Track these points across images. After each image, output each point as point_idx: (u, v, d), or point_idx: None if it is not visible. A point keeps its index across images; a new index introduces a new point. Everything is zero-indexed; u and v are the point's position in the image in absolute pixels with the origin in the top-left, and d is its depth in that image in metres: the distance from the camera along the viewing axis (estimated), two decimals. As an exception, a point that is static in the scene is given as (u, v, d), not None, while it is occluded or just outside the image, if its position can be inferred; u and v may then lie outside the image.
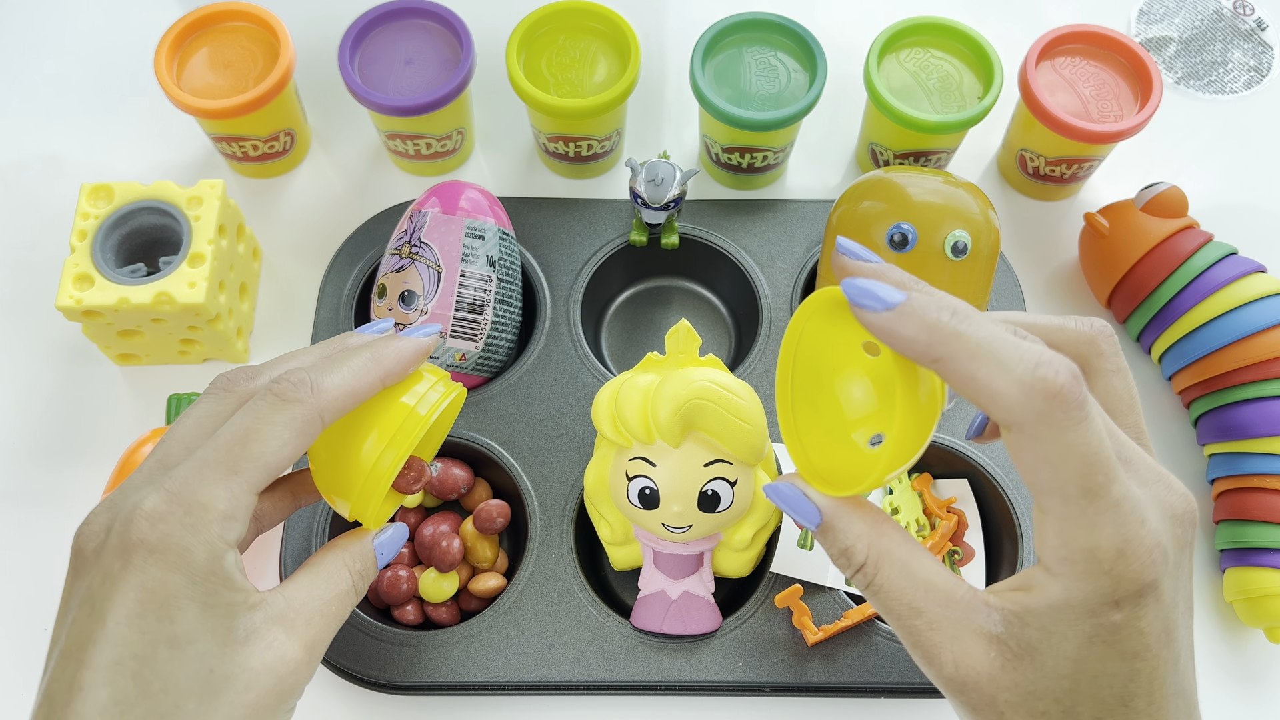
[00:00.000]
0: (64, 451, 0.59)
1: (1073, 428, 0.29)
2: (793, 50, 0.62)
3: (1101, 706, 0.30)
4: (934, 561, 0.33)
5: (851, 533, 0.33)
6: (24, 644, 0.54)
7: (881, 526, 0.33)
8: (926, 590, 0.32)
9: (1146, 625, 0.30)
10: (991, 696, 0.31)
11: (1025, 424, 0.29)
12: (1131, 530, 0.29)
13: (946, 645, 0.31)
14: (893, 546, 0.33)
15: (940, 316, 0.30)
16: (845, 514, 0.33)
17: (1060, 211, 0.68)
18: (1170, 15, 0.75)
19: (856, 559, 0.33)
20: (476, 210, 0.56)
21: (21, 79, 0.71)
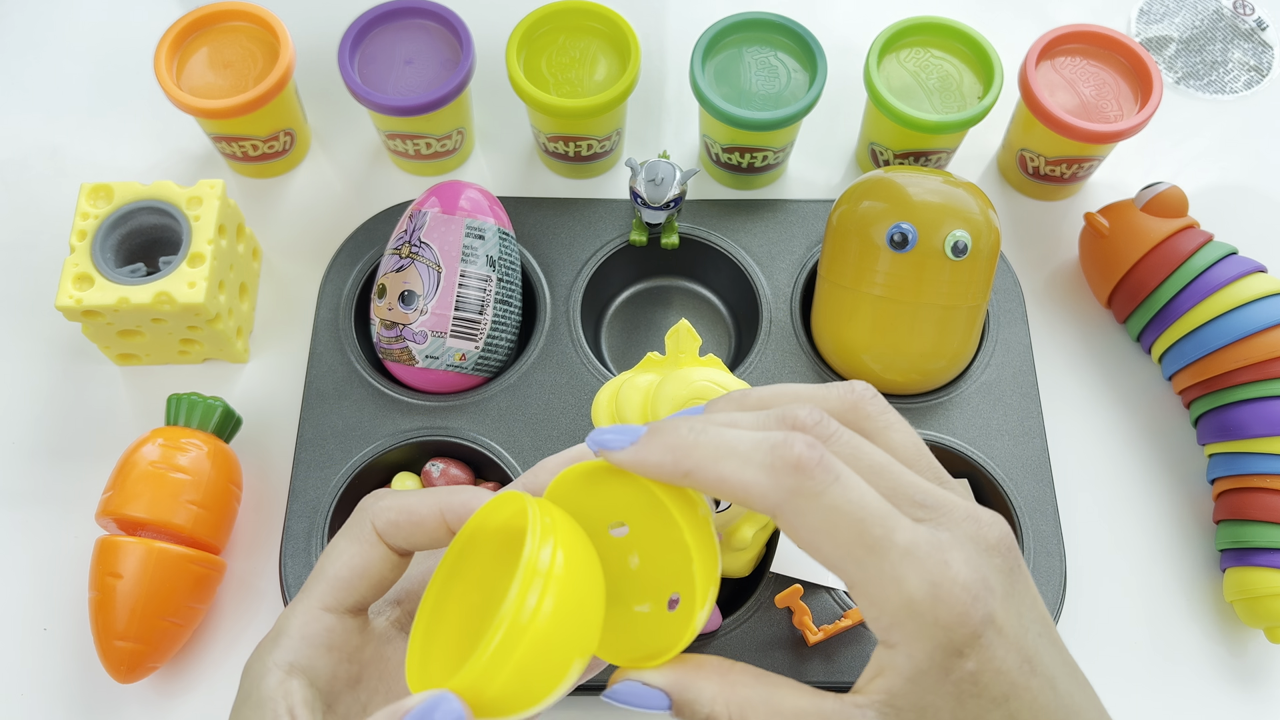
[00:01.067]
0: (64, 451, 0.59)
1: (826, 490, 0.29)
2: (793, 50, 0.62)
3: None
4: (792, 688, 0.32)
5: (706, 698, 0.32)
6: (24, 644, 0.54)
7: (730, 676, 0.32)
8: (797, 719, 0.31)
9: (1001, 663, 0.29)
10: None
11: (784, 503, 0.29)
12: (936, 573, 0.29)
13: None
14: (749, 693, 0.32)
15: (679, 432, 0.31)
16: (691, 682, 0.32)
17: (1060, 211, 0.68)
18: (1170, 15, 0.75)
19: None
20: (476, 210, 0.56)
21: (22, 78, 0.71)
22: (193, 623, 0.52)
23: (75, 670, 0.53)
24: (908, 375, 0.57)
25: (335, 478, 0.55)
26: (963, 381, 0.58)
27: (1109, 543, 0.58)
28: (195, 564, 0.52)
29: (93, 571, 0.51)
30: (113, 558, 0.51)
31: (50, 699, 0.53)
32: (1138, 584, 0.57)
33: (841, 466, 0.30)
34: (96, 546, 0.52)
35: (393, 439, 0.56)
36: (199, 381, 0.60)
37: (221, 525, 0.54)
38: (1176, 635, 0.56)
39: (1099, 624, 0.56)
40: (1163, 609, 0.57)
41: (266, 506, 0.57)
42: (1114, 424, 0.61)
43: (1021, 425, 0.57)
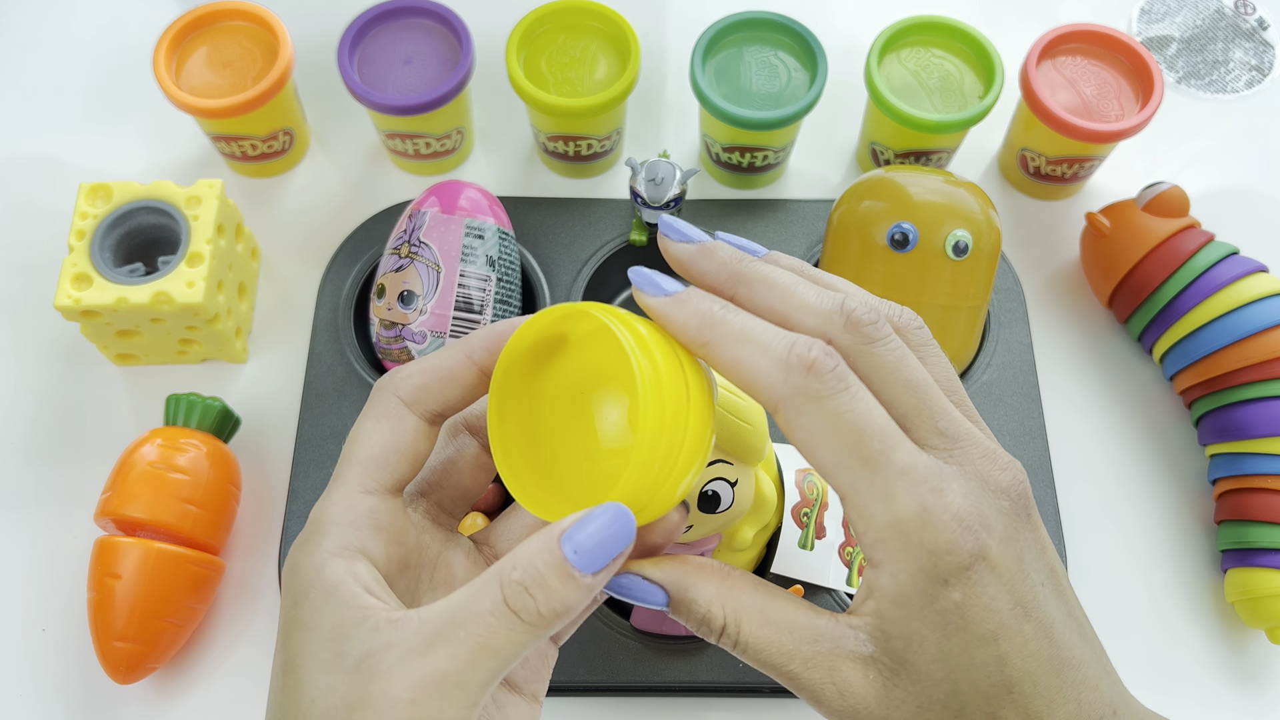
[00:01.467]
0: (63, 451, 0.59)
1: (832, 396, 0.29)
2: (793, 49, 0.62)
3: (989, 700, 0.30)
4: (789, 600, 0.32)
5: (704, 598, 0.32)
6: (23, 644, 0.54)
7: (729, 581, 0.32)
8: (791, 632, 0.31)
9: (990, 600, 0.29)
10: (885, 719, 0.30)
11: (788, 399, 0.30)
12: (929, 498, 0.29)
13: (826, 681, 0.31)
14: (746, 599, 0.32)
15: (711, 305, 0.32)
16: (692, 581, 0.32)
17: (1061, 211, 0.67)
18: (1171, 14, 0.75)
19: (716, 623, 0.32)
20: (476, 210, 0.56)
21: (20, 78, 0.71)
22: (192, 623, 0.52)
23: (74, 671, 0.53)
24: (908, 375, 0.56)
25: (334, 478, 0.54)
26: (963, 381, 0.58)
27: (1110, 543, 0.58)
28: (194, 564, 0.51)
29: (91, 572, 0.51)
30: (111, 558, 0.50)
31: (50, 699, 0.53)
32: (1139, 584, 0.57)
33: (854, 380, 0.30)
34: (95, 547, 0.51)
35: (392, 439, 0.56)
36: (198, 381, 0.60)
37: (220, 525, 0.54)
38: (1177, 636, 0.56)
39: (1099, 624, 0.56)
40: (1164, 609, 0.57)
41: (266, 506, 0.57)
42: (1115, 424, 0.61)
43: (1022, 425, 0.57)
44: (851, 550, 0.52)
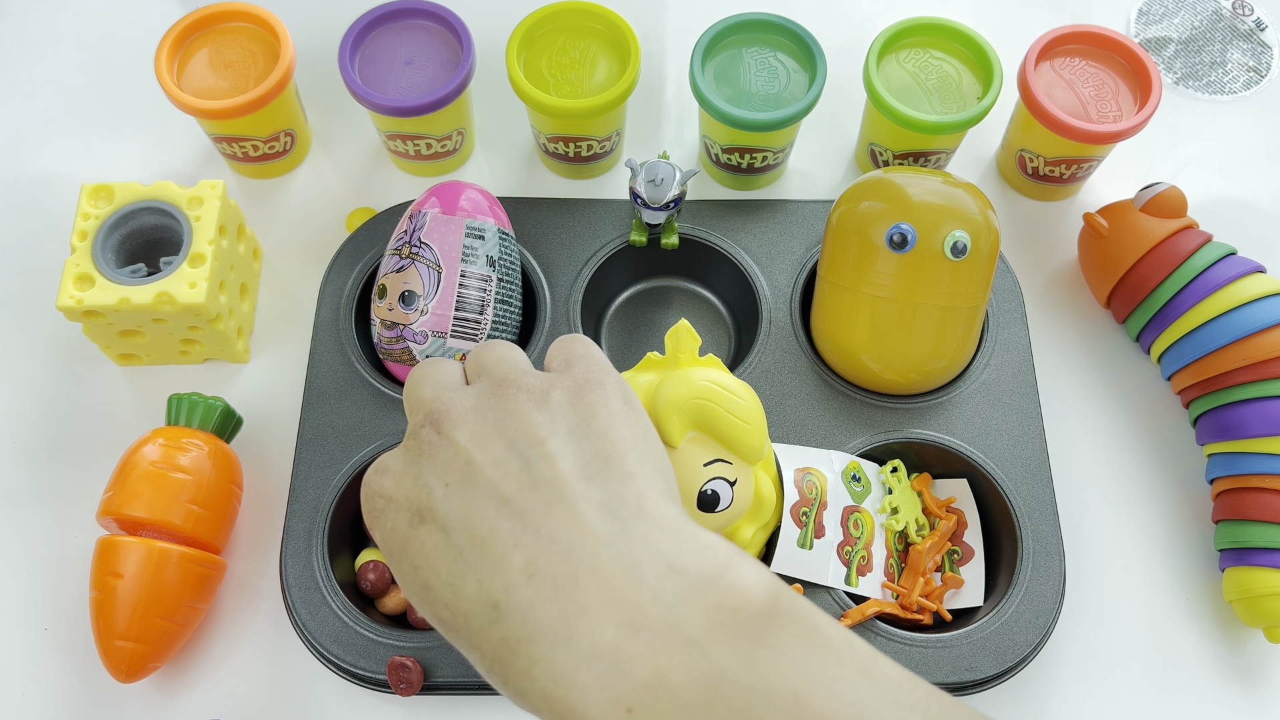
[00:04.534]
0: (65, 451, 0.59)
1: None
2: (792, 50, 0.62)
3: (432, 606, 0.33)
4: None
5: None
6: (24, 644, 0.54)
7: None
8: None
9: (393, 524, 0.34)
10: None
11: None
12: (367, 486, 0.36)
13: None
14: None
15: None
16: None
17: (1059, 212, 0.68)
18: (1169, 15, 0.75)
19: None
20: (476, 210, 0.56)
21: (22, 79, 0.71)
22: (193, 623, 0.53)
23: (75, 670, 0.54)
24: (907, 375, 0.57)
25: (335, 478, 0.55)
26: (962, 382, 0.58)
27: (1108, 542, 0.58)
28: (196, 564, 0.52)
29: (93, 571, 0.51)
30: (113, 557, 0.51)
31: (50, 699, 0.53)
32: (1137, 584, 0.57)
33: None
34: (97, 546, 0.52)
35: (393, 439, 0.56)
36: (200, 381, 0.60)
37: (222, 525, 0.54)
38: (1175, 635, 0.56)
39: (1098, 624, 0.56)
40: (1162, 609, 0.57)
41: (267, 506, 0.57)
42: (1113, 424, 0.61)
43: (1021, 425, 0.57)
44: (850, 549, 0.53)
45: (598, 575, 0.29)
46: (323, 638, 0.51)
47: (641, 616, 0.28)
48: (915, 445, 0.57)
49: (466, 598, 0.31)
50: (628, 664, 0.28)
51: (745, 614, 0.28)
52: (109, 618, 0.50)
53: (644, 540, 0.30)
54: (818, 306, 0.59)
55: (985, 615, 0.52)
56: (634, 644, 0.28)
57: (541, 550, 0.30)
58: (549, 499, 0.31)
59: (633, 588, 0.29)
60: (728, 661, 0.28)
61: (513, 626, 0.29)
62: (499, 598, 0.30)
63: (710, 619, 0.28)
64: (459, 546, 0.31)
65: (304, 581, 0.52)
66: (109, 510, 0.52)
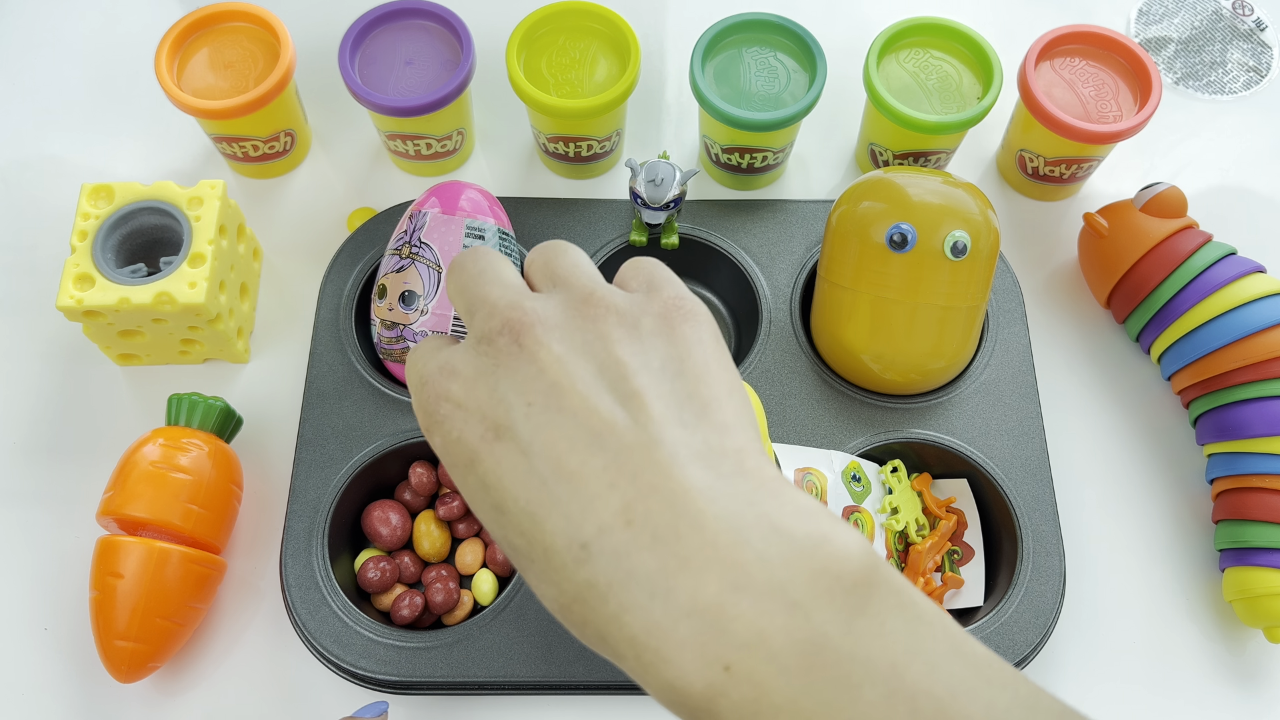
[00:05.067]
0: (64, 451, 0.59)
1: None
2: (792, 50, 0.62)
3: (494, 524, 0.31)
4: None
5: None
6: (24, 644, 0.54)
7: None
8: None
9: (459, 433, 0.32)
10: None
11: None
12: (413, 372, 0.34)
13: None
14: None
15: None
16: None
17: (1059, 212, 0.68)
18: (1169, 16, 0.75)
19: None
20: (476, 210, 0.56)
21: (22, 79, 0.71)
22: (193, 623, 0.53)
23: (75, 670, 0.54)
24: (907, 375, 0.57)
25: (335, 478, 0.55)
26: (962, 381, 0.58)
27: (1108, 542, 0.58)
28: (196, 564, 0.52)
29: (93, 571, 0.51)
30: (113, 557, 0.51)
31: (50, 699, 0.53)
32: (1137, 584, 0.57)
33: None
34: (97, 546, 0.52)
35: (393, 439, 0.56)
36: (200, 381, 0.60)
37: (222, 525, 0.54)
38: (1175, 635, 0.56)
39: (1098, 623, 0.56)
40: (1162, 609, 0.57)
41: (267, 506, 0.57)
42: (1113, 424, 0.61)
43: (1021, 425, 0.57)
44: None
45: (702, 531, 0.28)
46: (323, 638, 0.51)
47: (746, 576, 0.28)
48: (915, 445, 0.57)
49: (550, 532, 0.29)
50: (730, 622, 0.27)
51: (848, 581, 0.28)
52: (109, 618, 0.50)
53: (747, 499, 0.29)
54: (818, 306, 0.59)
55: (985, 615, 0.52)
56: (737, 602, 0.27)
57: (640, 497, 0.29)
58: (646, 443, 0.30)
59: (737, 546, 0.28)
60: (830, 627, 0.27)
61: (603, 570, 0.28)
62: (589, 539, 0.29)
63: (814, 584, 0.28)
64: (542, 475, 0.30)
65: (304, 581, 0.52)
66: (109, 510, 0.52)
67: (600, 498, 0.29)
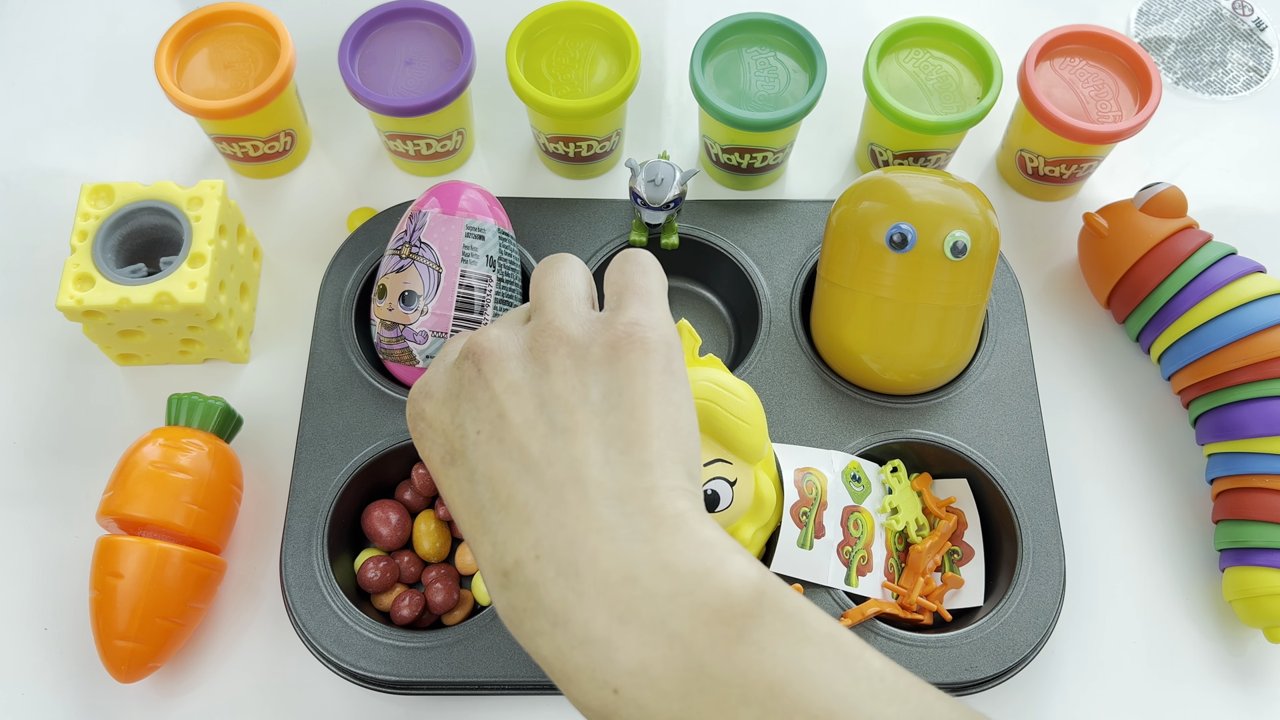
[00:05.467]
0: (64, 451, 0.59)
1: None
2: (792, 51, 0.62)
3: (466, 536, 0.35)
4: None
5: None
6: (24, 644, 0.54)
7: None
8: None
9: (429, 452, 0.36)
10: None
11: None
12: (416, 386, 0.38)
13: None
14: None
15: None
16: None
17: (1059, 212, 0.68)
18: (1169, 15, 0.75)
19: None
20: (476, 210, 0.56)
21: (22, 79, 0.71)
22: (193, 623, 0.53)
23: (75, 670, 0.54)
24: (907, 375, 0.57)
25: (335, 478, 0.55)
26: (962, 381, 0.58)
27: (1108, 542, 0.58)
28: (196, 564, 0.52)
29: (93, 571, 0.51)
30: (113, 557, 0.51)
31: (50, 699, 0.53)
32: (1137, 584, 0.57)
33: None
34: (97, 546, 0.52)
35: (393, 439, 0.56)
36: (199, 381, 0.60)
37: (222, 525, 0.54)
38: (1175, 635, 0.56)
39: (1098, 623, 0.56)
40: (1162, 608, 0.57)
41: (267, 506, 0.57)
42: (1113, 424, 0.61)
43: (1021, 425, 0.57)
44: (850, 549, 0.53)
45: (596, 568, 0.31)
46: (323, 638, 0.51)
47: (632, 611, 0.30)
48: (915, 445, 0.57)
49: (482, 555, 0.33)
50: (616, 652, 0.30)
51: (728, 614, 0.30)
52: (109, 618, 0.50)
53: (645, 537, 0.31)
54: (818, 306, 0.59)
55: (985, 615, 0.53)
56: (623, 634, 0.30)
57: (549, 533, 0.32)
58: (565, 480, 0.32)
59: (626, 584, 0.31)
60: (707, 657, 0.30)
61: (519, 598, 0.32)
62: (509, 568, 0.32)
63: (694, 617, 0.30)
64: (480, 501, 0.33)
65: (304, 581, 0.52)
66: (109, 510, 0.52)
67: (518, 532, 0.32)
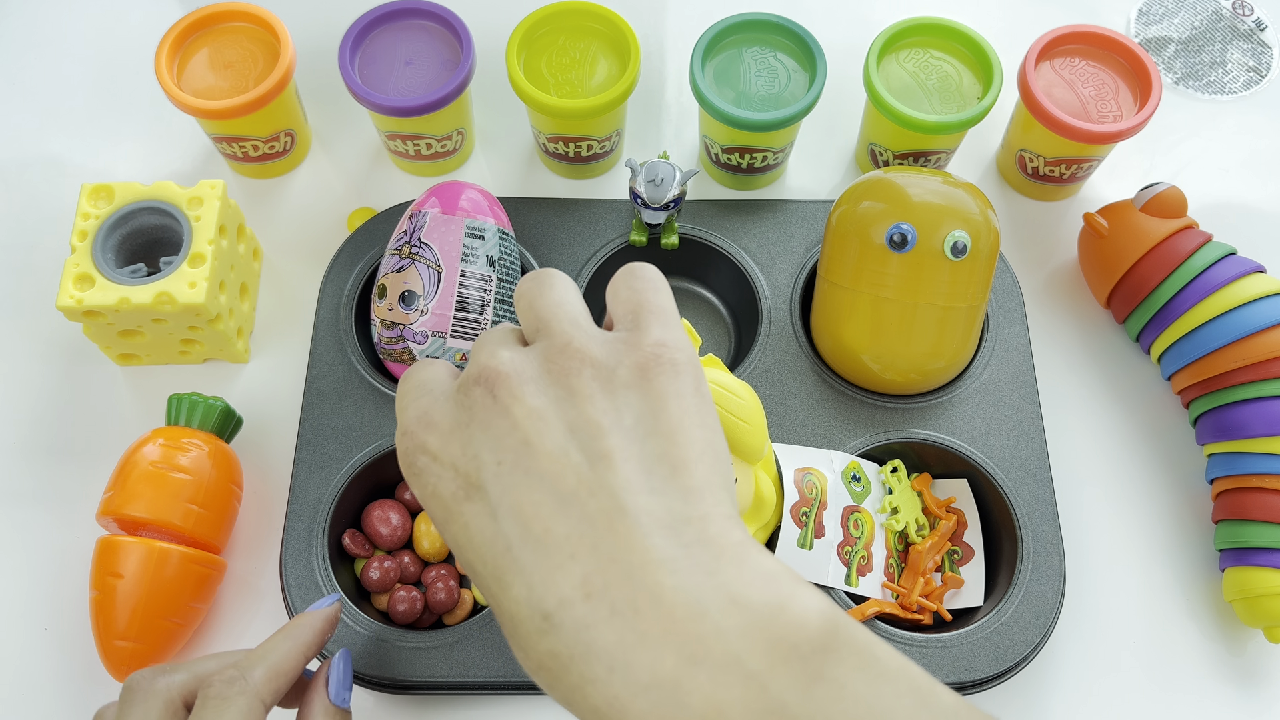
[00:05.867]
0: (64, 451, 0.59)
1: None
2: (792, 51, 0.62)
3: (477, 580, 0.31)
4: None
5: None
6: (24, 644, 0.54)
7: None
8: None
9: (435, 488, 0.32)
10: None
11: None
12: (401, 421, 0.34)
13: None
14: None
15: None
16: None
17: (1059, 212, 0.68)
18: (1169, 15, 0.75)
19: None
20: (476, 210, 0.56)
21: (22, 79, 0.71)
22: (193, 623, 0.53)
23: (75, 670, 0.54)
24: (907, 375, 0.57)
25: (336, 478, 0.55)
26: (962, 381, 0.58)
27: (1108, 542, 0.58)
28: (196, 564, 0.52)
29: (93, 571, 0.51)
30: (113, 557, 0.51)
31: (50, 699, 0.53)
32: (1137, 584, 0.57)
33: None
34: (97, 546, 0.52)
35: (393, 439, 0.56)
36: (200, 381, 0.60)
37: (222, 525, 0.54)
38: (1175, 635, 0.56)
39: (1098, 623, 0.56)
40: (1162, 609, 0.57)
41: (267, 506, 0.57)
42: (1113, 424, 0.61)
43: (1021, 425, 0.57)
44: (850, 549, 0.53)
45: (659, 604, 0.28)
46: (323, 638, 0.51)
47: (703, 649, 0.27)
48: (915, 445, 0.57)
49: (515, 599, 0.29)
50: (687, 696, 0.27)
51: (805, 649, 0.28)
52: (109, 617, 0.50)
53: (707, 570, 0.29)
54: (818, 306, 0.59)
55: (985, 615, 0.53)
56: (694, 676, 0.27)
57: (600, 569, 0.29)
58: (610, 510, 0.29)
59: (694, 620, 0.28)
60: (788, 696, 0.27)
61: (565, 642, 0.28)
62: (551, 610, 0.29)
63: (771, 653, 0.28)
64: (509, 539, 0.30)
65: (304, 581, 0.52)
66: (109, 510, 0.52)
67: (562, 568, 0.29)
